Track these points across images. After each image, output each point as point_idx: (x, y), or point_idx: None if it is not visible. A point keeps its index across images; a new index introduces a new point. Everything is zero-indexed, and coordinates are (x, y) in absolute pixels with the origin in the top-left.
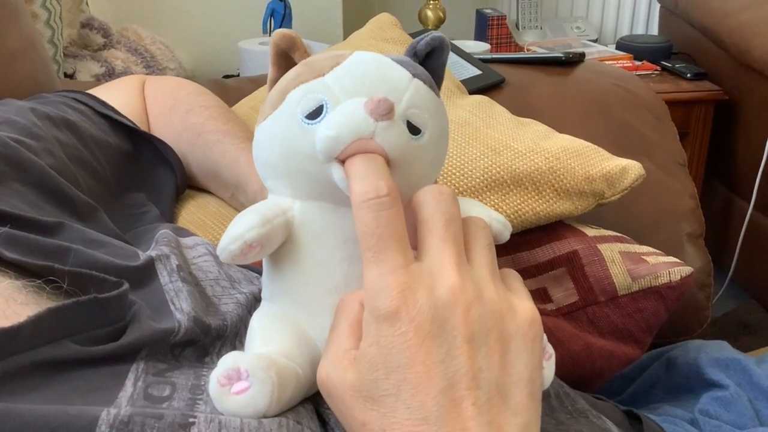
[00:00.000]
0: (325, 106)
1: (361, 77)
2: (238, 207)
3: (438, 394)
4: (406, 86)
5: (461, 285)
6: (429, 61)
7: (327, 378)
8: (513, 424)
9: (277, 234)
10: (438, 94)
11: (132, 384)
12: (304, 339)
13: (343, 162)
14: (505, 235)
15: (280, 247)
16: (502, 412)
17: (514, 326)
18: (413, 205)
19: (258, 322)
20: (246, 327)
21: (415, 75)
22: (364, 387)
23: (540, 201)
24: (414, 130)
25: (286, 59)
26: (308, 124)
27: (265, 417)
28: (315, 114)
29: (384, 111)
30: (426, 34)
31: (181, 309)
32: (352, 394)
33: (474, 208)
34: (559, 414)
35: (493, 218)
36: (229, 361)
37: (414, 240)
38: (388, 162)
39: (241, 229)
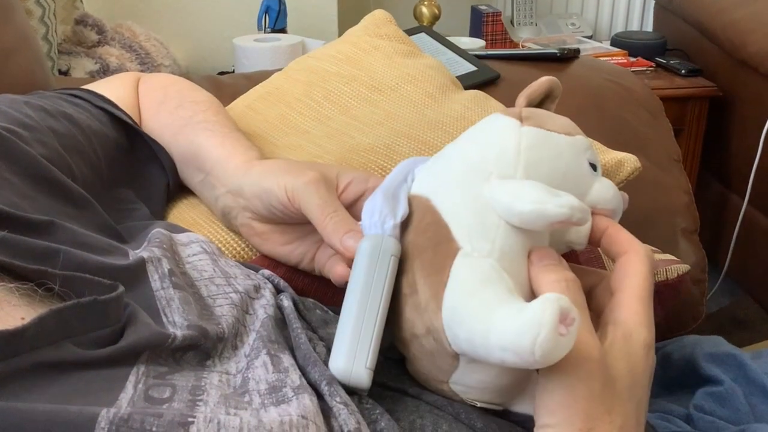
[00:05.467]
0: (596, 165)
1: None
2: (206, 193)
3: (634, 409)
4: None
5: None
6: None
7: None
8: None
9: None
10: None
11: (133, 386)
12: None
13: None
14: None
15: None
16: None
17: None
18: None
19: (497, 273)
20: (244, 326)
21: None
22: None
23: None
24: None
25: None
26: (592, 173)
27: None
28: (593, 167)
29: None
30: None
31: (174, 322)
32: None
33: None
34: None
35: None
36: (565, 305)
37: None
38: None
39: (577, 202)
